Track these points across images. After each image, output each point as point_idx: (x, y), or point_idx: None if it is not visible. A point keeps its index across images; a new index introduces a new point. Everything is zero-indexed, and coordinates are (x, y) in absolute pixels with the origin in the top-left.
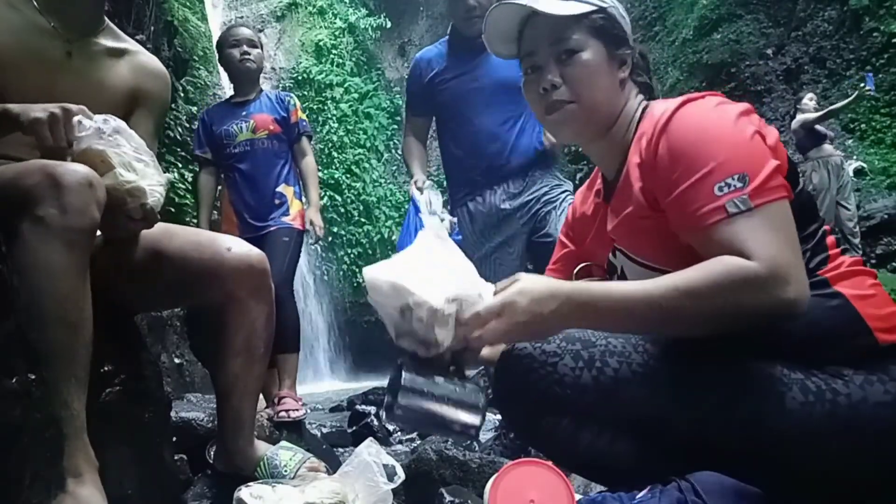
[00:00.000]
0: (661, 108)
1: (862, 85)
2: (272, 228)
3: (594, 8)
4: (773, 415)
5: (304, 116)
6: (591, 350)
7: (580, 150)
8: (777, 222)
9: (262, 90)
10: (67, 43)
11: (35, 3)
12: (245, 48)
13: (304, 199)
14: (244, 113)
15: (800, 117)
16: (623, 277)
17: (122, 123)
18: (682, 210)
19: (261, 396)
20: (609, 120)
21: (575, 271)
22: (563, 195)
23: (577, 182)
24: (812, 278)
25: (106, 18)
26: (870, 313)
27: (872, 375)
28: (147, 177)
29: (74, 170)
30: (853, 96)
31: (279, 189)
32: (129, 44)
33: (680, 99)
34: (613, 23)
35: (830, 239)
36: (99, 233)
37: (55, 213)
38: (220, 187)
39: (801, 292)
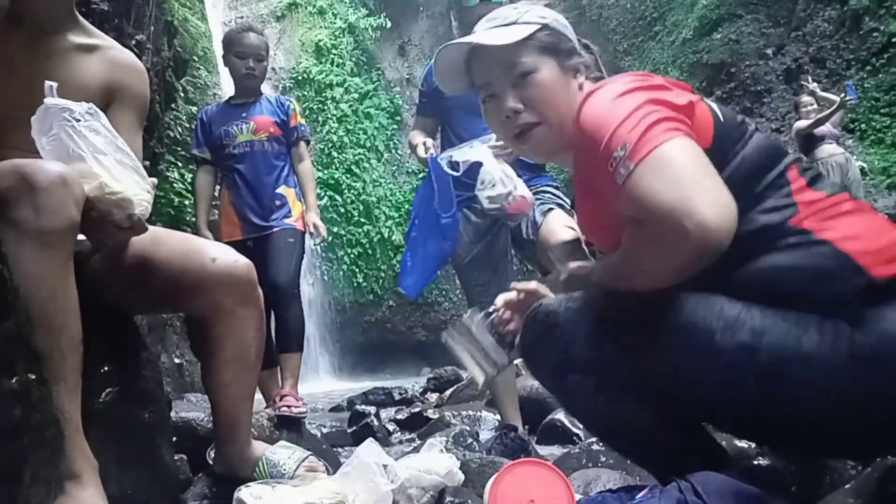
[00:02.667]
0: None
1: (843, 94)
2: (276, 230)
3: (537, 27)
4: (784, 367)
5: (303, 121)
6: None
7: None
8: (659, 166)
9: (262, 93)
10: (28, 38)
11: None
12: (251, 63)
13: (303, 202)
14: (244, 114)
15: (794, 126)
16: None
17: (102, 116)
18: (601, 194)
19: (259, 396)
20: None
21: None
22: (546, 196)
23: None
24: (794, 232)
25: (77, 15)
26: (858, 250)
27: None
28: (132, 185)
29: (47, 168)
30: (835, 106)
31: (279, 190)
32: (101, 39)
33: (590, 89)
34: (559, 36)
35: (802, 181)
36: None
37: (29, 214)
38: (218, 187)
39: (703, 220)
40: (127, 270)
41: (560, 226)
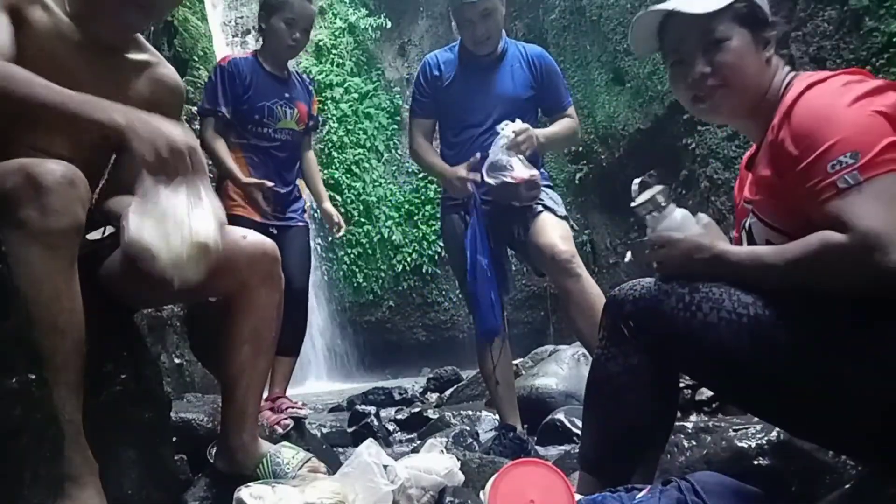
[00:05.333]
0: (798, 86)
1: None
2: (299, 224)
3: None
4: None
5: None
6: (695, 294)
7: (579, 150)
8: (886, 193)
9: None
10: (91, 54)
11: (66, 10)
12: (298, 35)
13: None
14: (287, 94)
15: None
16: (751, 238)
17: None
18: (801, 187)
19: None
20: (758, 98)
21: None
22: (542, 198)
23: (576, 182)
24: None
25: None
26: None
27: None
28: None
29: (54, 169)
30: None
31: (297, 182)
32: (151, 55)
33: (806, 82)
34: (755, 7)
35: None
36: (103, 232)
37: (35, 215)
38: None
39: None
40: None
41: (550, 228)
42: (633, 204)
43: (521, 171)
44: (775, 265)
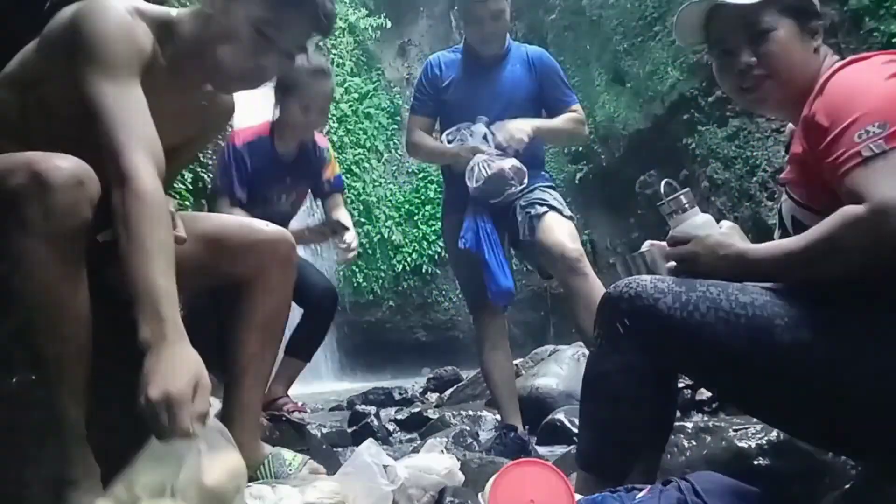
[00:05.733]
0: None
1: None
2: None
3: None
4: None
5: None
6: (692, 294)
7: (579, 150)
8: None
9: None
10: (180, 91)
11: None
12: (313, 118)
13: None
14: (289, 180)
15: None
16: (781, 221)
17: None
18: (827, 158)
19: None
20: (805, 88)
21: None
22: (545, 198)
23: (576, 182)
24: None
25: None
26: None
27: None
28: None
29: (61, 166)
30: None
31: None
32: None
33: (851, 58)
34: None
35: None
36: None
37: (39, 215)
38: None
39: None
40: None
41: (557, 227)
42: (658, 203)
43: (498, 162)
44: (795, 251)
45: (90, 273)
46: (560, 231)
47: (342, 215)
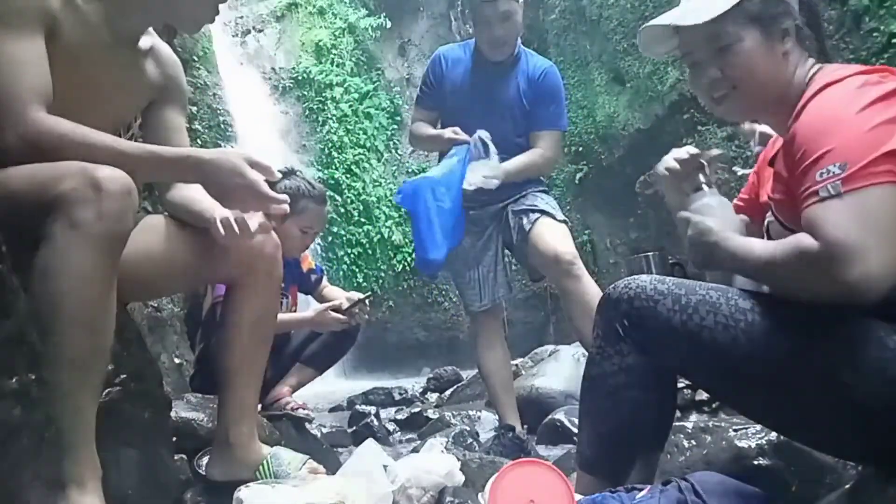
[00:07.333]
0: (818, 83)
1: None
2: None
3: None
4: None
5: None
6: (691, 297)
7: (579, 150)
8: (863, 207)
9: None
10: (114, 49)
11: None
12: (309, 241)
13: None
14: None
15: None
16: (769, 238)
17: None
18: (796, 189)
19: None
20: (777, 94)
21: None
22: (537, 203)
23: (576, 182)
24: None
25: None
26: None
27: None
28: None
29: (115, 176)
30: None
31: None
32: (153, 36)
33: (825, 79)
34: (767, 2)
35: None
36: None
37: (92, 218)
38: None
39: (866, 274)
40: (159, 246)
41: (549, 232)
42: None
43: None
44: (758, 259)
45: None
46: (552, 235)
47: (339, 293)
